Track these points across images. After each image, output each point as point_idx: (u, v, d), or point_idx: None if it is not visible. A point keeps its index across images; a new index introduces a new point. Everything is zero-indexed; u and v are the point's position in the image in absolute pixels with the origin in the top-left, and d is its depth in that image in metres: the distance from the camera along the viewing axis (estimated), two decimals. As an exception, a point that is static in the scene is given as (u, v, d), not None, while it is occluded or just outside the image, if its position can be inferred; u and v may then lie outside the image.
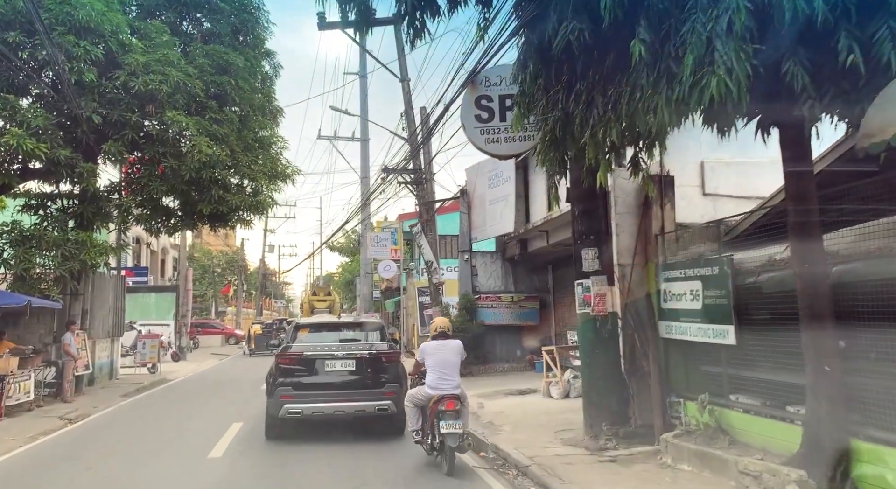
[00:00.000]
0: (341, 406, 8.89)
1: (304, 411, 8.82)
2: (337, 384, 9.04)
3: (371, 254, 28.87)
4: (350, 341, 9.70)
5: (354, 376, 9.10)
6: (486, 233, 17.42)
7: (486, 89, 8.97)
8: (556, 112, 6.22)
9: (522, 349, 18.24)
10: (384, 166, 18.17)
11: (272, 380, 9.24)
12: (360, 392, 9.00)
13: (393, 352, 9.59)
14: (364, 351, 9.34)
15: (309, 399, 8.87)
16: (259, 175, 15.96)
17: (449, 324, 8.31)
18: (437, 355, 7.58)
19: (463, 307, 17.54)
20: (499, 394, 13.28)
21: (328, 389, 8.98)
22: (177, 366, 24.72)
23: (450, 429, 7.04)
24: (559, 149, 6.46)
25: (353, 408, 8.94)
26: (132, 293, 28.87)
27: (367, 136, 36.55)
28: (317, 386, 8.99)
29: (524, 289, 18.39)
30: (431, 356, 7.58)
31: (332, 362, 9.16)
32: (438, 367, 7.49)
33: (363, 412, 8.98)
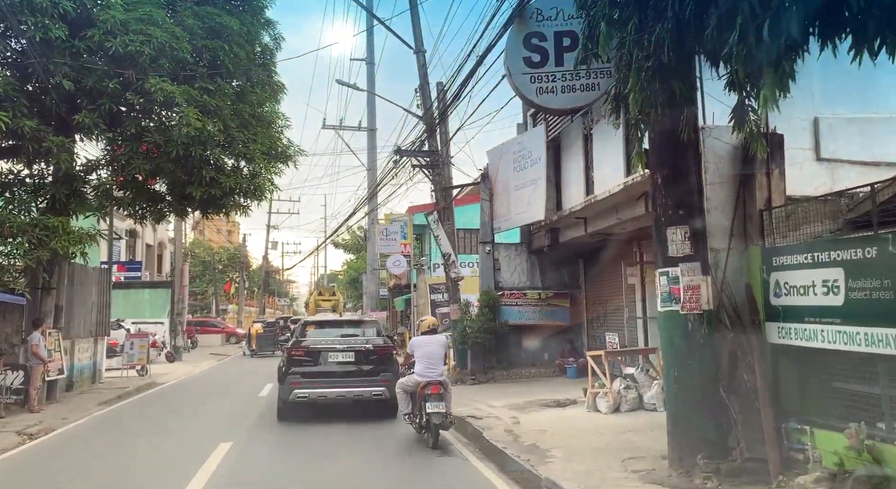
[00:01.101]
0: (342, 391, 10.27)
1: (311, 396, 10.26)
2: (339, 373, 10.40)
3: (379, 248, 27.03)
4: (350, 336, 11.07)
5: (354, 366, 10.48)
6: (511, 222, 15.54)
7: (537, 25, 7.16)
8: (664, 24, 4.35)
9: (551, 352, 16.35)
10: (396, 147, 16.34)
11: (284, 369, 10.60)
12: (359, 380, 10.36)
13: (387, 346, 11.00)
14: (362, 344, 10.74)
15: (315, 385, 10.24)
16: (257, 155, 14.08)
17: (437, 323, 9.72)
18: (425, 348, 8.79)
19: (485, 305, 15.67)
20: (533, 406, 11.41)
21: (331, 377, 10.34)
22: (170, 368, 22.91)
23: (434, 409, 8.31)
24: (666, 77, 4.58)
25: (353, 394, 10.31)
26: (124, 289, 27.16)
27: (374, 126, 34.91)
28: (321, 374, 10.36)
29: (552, 284, 16.50)
30: (420, 349, 8.80)
31: (335, 354, 10.54)
32: (425, 358, 8.70)
33: (361, 397, 10.36)
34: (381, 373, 10.48)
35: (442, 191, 16.62)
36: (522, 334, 16.19)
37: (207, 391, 15.64)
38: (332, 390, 10.29)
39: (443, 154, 16.65)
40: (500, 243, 16.61)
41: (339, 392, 10.29)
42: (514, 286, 16.39)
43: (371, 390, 10.32)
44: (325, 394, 10.30)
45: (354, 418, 10.70)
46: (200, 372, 21.77)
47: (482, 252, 16.40)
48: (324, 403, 10.51)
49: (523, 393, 13.35)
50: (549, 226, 14.70)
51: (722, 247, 6.65)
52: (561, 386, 14.22)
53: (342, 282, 57.85)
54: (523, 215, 14.91)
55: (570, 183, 14.07)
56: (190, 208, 14.82)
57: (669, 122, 5.84)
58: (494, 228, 16.28)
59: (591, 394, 10.57)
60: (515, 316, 16.05)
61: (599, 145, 12.22)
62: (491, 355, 15.87)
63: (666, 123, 5.78)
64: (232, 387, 16.53)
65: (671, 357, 6.32)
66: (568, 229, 14.29)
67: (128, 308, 26.81)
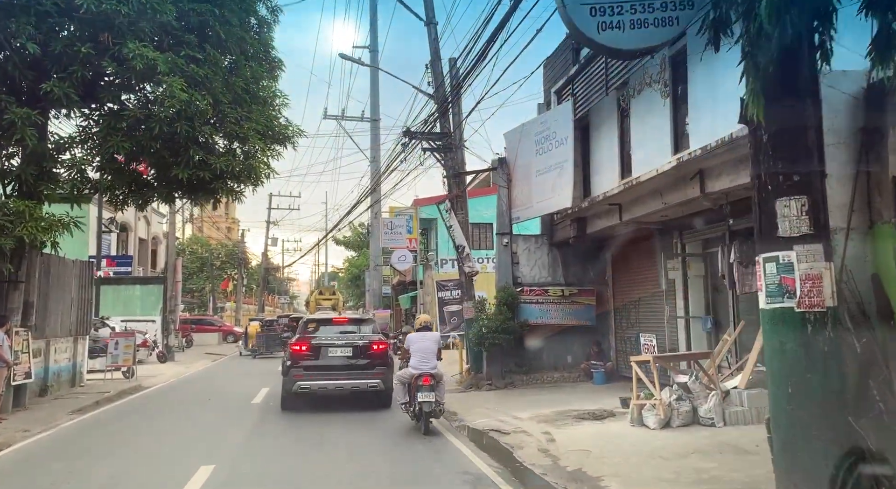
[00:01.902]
0: (341, 383, 11.14)
1: (312, 387, 11.06)
2: (338, 366, 11.15)
3: (383, 242, 25.57)
4: (348, 333, 11.84)
5: (351, 360, 11.25)
6: (532, 211, 14.06)
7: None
8: None
9: (574, 355, 14.86)
10: (406, 128, 14.84)
11: (288, 363, 11.32)
12: (356, 372, 11.14)
13: (381, 342, 11.71)
14: (359, 341, 11.51)
15: (316, 378, 11.03)
16: (251, 134, 12.60)
17: (429, 320, 11.02)
18: (419, 343, 9.65)
19: (502, 302, 14.19)
20: (566, 419, 9.92)
21: (331, 370, 11.09)
22: (161, 369, 21.45)
23: (425, 398, 9.11)
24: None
25: (350, 386, 11.19)
26: (113, 285, 25.73)
27: (377, 116, 33.44)
28: (322, 367, 11.11)
29: (576, 280, 15.01)
30: (415, 344, 9.66)
31: (334, 349, 11.30)
32: (420, 353, 9.54)
33: (358, 388, 11.23)
34: (377, 367, 11.30)
35: (455, 177, 15.13)
36: (543, 335, 14.70)
37: (196, 396, 14.17)
38: (331, 382, 11.15)
39: (455, 137, 15.17)
40: (518, 235, 15.14)
41: (337, 384, 11.18)
42: (534, 282, 14.90)
43: (367, 382, 11.19)
44: (326, 386, 11.19)
45: (352, 432, 9.72)
46: (192, 373, 20.31)
47: (499, 244, 14.92)
48: (324, 393, 11.50)
49: (550, 401, 11.86)
50: (575, 215, 13.22)
51: (839, 226, 5.17)
52: (589, 393, 12.74)
53: (343, 280, 56.44)
54: (547, 203, 13.43)
55: (602, 166, 12.58)
56: (177, 194, 13.32)
57: (784, 57, 4.36)
58: (513, 218, 14.80)
59: (636, 405, 9.08)
60: (536, 315, 14.56)
61: (640, 120, 10.75)
62: (509, 358, 14.39)
63: (779, 60, 4.29)
64: (223, 391, 15.06)
65: (782, 368, 4.82)
66: (598, 218, 12.81)
67: (117, 305, 25.38)
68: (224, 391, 15.10)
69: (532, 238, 15.23)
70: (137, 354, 23.84)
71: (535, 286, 14.79)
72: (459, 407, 11.69)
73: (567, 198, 12.62)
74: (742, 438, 7.93)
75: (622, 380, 14.13)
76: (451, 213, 14.89)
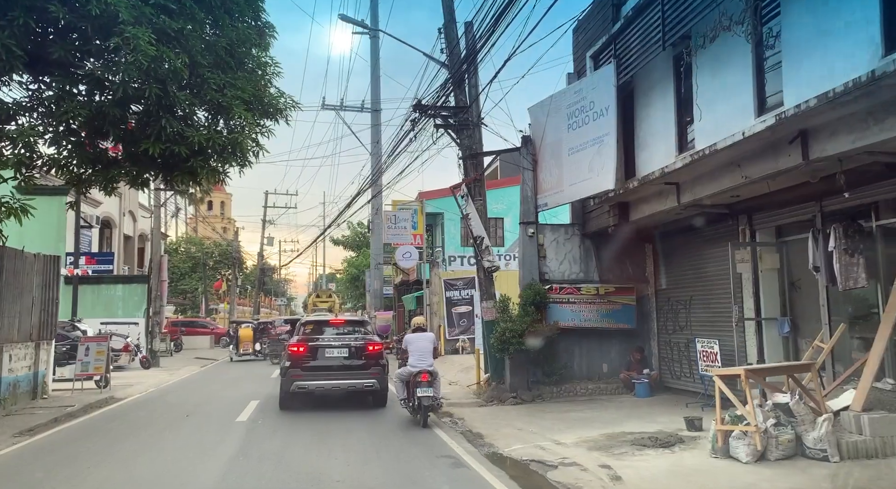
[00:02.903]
0: (337, 383, 11.35)
1: (309, 387, 11.32)
2: (334, 367, 11.34)
3: (387, 238, 23.60)
4: (345, 334, 11.97)
5: (348, 361, 11.42)
6: (563, 196, 12.12)
7: None
8: None
9: (611, 362, 12.91)
10: (416, 101, 12.88)
11: (286, 363, 11.47)
12: (352, 372, 11.34)
13: (377, 342, 11.90)
14: (355, 342, 11.66)
15: (313, 377, 11.27)
16: (235, 104, 10.64)
17: (425, 322, 12.35)
18: (416, 343, 10.40)
19: (528, 302, 12.24)
20: (622, 445, 7.97)
21: (328, 370, 11.30)
22: (143, 376, 19.48)
23: (424, 393, 9.76)
24: None
25: (347, 385, 11.40)
26: (93, 284, 23.71)
27: (378, 98, 31.50)
28: (319, 368, 11.31)
29: (612, 276, 13.06)
30: (412, 344, 10.43)
31: (331, 350, 11.47)
32: (417, 352, 10.29)
33: (354, 388, 11.43)
34: (373, 367, 11.43)
35: (471, 158, 13.18)
36: (575, 340, 12.75)
37: (173, 411, 12.18)
38: (328, 382, 11.26)
39: (472, 113, 13.21)
40: (545, 224, 13.19)
41: (334, 383, 11.30)
42: (563, 279, 12.94)
43: (363, 382, 11.31)
44: (323, 386, 11.31)
45: (351, 465, 7.45)
46: (176, 382, 18.31)
47: (523, 235, 12.96)
48: (321, 393, 11.67)
49: (592, 420, 9.91)
50: (616, 199, 11.27)
51: None
52: (635, 409, 10.79)
53: (342, 281, 54.46)
54: (581, 186, 11.48)
55: (651, 139, 10.63)
56: (150, 174, 11.33)
57: None
58: (539, 206, 12.85)
59: (720, 432, 7.10)
60: (568, 316, 12.60)
61: (710, 77, 8.79)
62: (536, 366, 12.44)
63: None
64: (206, 405, 13.07)
65: None
66: (645, 202, 10.86)
67: (97, 306, 23.42)
68: (207, 404, 13.11)
69: (561, 228, 13.27)
70: (118, 360, 22.02)
71: (566, 283, 12.83)
72: (484, 427, 9.73)
73: (609, 178, 10.68)
74: (874, 481, 6.00)
75: (668, 392, 12.20)
76: (467, 199, 12.94)
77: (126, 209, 29.49)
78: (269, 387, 15.94)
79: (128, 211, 29.87)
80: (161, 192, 25.23)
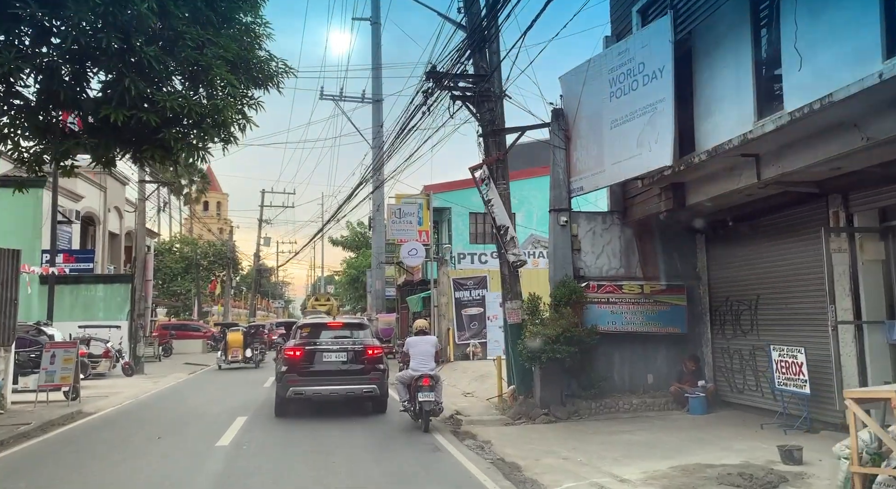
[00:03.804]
0: (336, 389, 10.81)
1: (306, 393, 10.81)
2: (332, 372, 10.94)
3: (391, 234, 21.78)
4: (343, 338, 11.67)
5: (346, 365, 11.03)
6: (603, 177, 10.31)
7: None
8: None
9: (656, 372, 11.09)
10: (430, 67, 11.06)
11: (282, 368, 11.13)
12: (351, 377, 10.91)
13: (377, 346, 11.52)
14: (354, 345, 11.33)
15: (310, 383, 10.80)
16: (216, 63, 8.84)
17: (427, 326, 11.22)
18: (418, 347, 10.04)
19: (562, 302, 10.42)
20: (706, 485, 6.15)
21: (325, 376, 10.88)
22: (123, 385, 17.64)
23: (425, 398, 9.43)
24: None
25: (345, 391, 10.87)
26: (71, 284, 21.86)
27: (380, 96, 29.75)
28: (316, 373, 10.90)
29: (658, 273, 11.25)
30: (414, 347, 10.07)
31: (329, 354, 11.10)
32: (420, 356, 9.94)
33: (353, 393, 10.93)
34: (373, 372, 10.96)
35: (493, 135, 11.37)
36: (615, 346, 10.93)
37: (144, 431, 10.32)
38: (326, 387, 10.75)
39: (494, 83, 11.40)
40: (579, 212, 11.38)
41: (332, 389, 10.77)
42: (601, 275, 11.13)
43: (362, 387, 10.84)
44: (320, 391, 10.78)
45: None
46: (157, 392, 16.45)
47: (553, 225, 11.13)
48: (318, 399, 11.02)
49: (651, 445, 8.09)
50: (668, 179, 9.47)
51: None
52: (698, 430, 8.97)
53: (341, 283, 52.61)
54: (629, 163, 9.67)
55: (718, 105, 8.80)
56: (116, 150, 9.49)
57: None
58: (573, 190, 11.05)
59: (858, 475, 5.26)
60: (607, 319, 10.79)
61: (812, 17, 6.98)
62: (571, 377, 10.62)
63: None
64: (185, 422, 11.22)
65: None
66: (709, 181, 9.05)
67: (75, 308, 21.59)
68: (185, 422, 11.27)
69: (598, 216, 11.46)
70: (98, 367, 20.18)
71: (605, 280, 11.02)
72: (519, 453, 7.92)
73: (665, 153, 8.87)
74: None
75: (726, 408, 10.39)
76: (489, 182, 11.12)
77: (111, 204, 27.65)
78: (260, 398, 14.12)
79: (113, 206, 28.03)
80: (145, 185, 23.38)
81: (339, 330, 11.91)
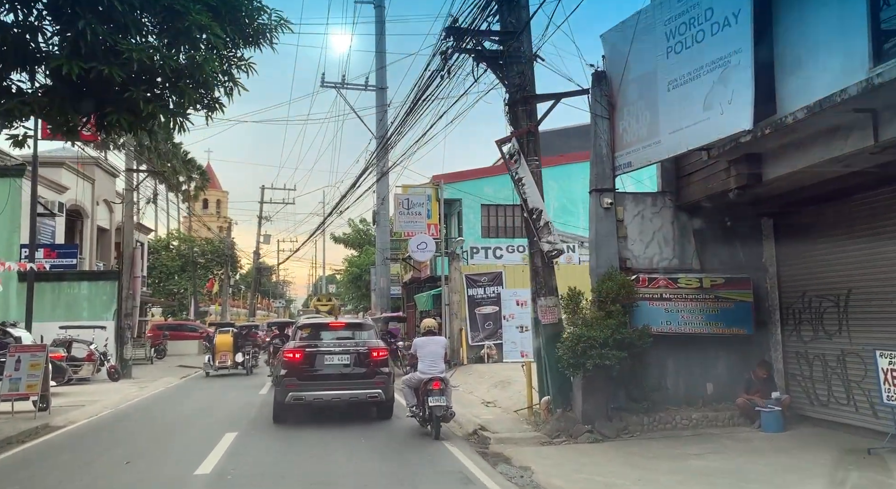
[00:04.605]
0: (338, 394, 10.20)
1: (307, 398, 10.11)
2: (335, 375, 10.23)
3: (399, 225, 20.14)
4: (345, 339, 10.90)
5: (349, 369, 10.29)
6: (660, 148, 8.65)
7: None
8: None
9: (717, 381, 9.45)
10: (450, 20, 9.42)
11: (280, 371, 10.41)
12: (355, 381, 10.23)
13: (382, 348, 10.84)
14: (358, 347, 10.55)
15: (311, 388, 10.11)
16: (195, 8, 7.22)
17: (435, 325, 10.16)
18: (427, 348, 9.34)
19: (608, 298, 8.77)
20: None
21: (327, 379, 10.18)
22: (105, 391, 16.04)
23: (436, 403, 8.76)
24: None
25: (349, 396, 10.24)
26: (52, 282, 20.22)
27: (384, 83, 28.14)
28: (317, 376, 10.19)
29: (718, 264, 9.61)
30: (422, 349, 9.37)
31: (331, 357, 10.35)
32: (428, 358, 9.25)
33: (356, 399, 10.31)
34: (377, 376, 10.36)
35: (523, 103, 9.73)
36: (668, 350, 9.28)
37: (111, 454, 8.65)
38: (327, 392, 10.17)
39: (524, 45, 9.76)
40: (625, 193, 9.74)
41: (334, 394, 10.20)
42: (652, 266, 9.49)
43: (367, 392, 10.24)
44: (321, 397, 10.18)
45: None
46: (140, 401, 14.83)
47: (595, 207, 9.48)
48: (319, 405, 10.42)
49: (733, 474, 6.46)
50: (739, 151, 7.82)
51: None
52: (783, 453, 7.33)
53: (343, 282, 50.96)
54: (694, 130, 8.01)
55: (809, 55, 7.14)
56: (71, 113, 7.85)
57: None
58: (619, 167, 9.41)
59: None
60: (661, 318, 9.14)
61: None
62: (618, 387, 8.98)
63: None
64: (163, 441, 9.59)
65: None
66: (796, 151, 7.40)
67: (57, 307, 19.99)
68: (164, 439, 9.63)
69: (647, 198, 9.80)
70: (80, 371, 18.58)
71: (657, 273, 9.37)
72: (569, 486, 6.28)
73: (742, 115, 7.23)
74: None
75: (805, 424, 8.75)
76: (519, 158, 9.48)
77: (100, 197, 26.03)
78: (254, 407, 12.52)
79: (102, 200, 26.42)
80: (133, 174, 21.76)
81: (341, 330, 11.21)
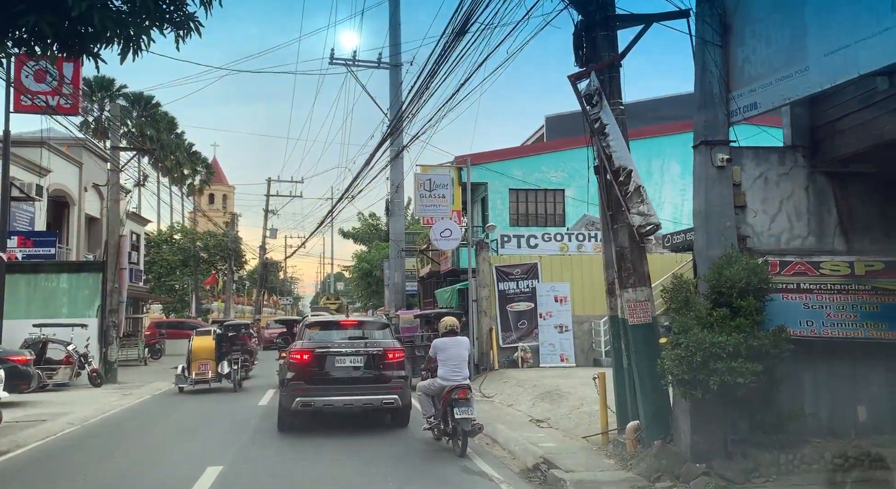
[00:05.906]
0: (350, 399, 9.33)
1: (316, 403, 9.25)
2: (346, 379, 9.45)
3: (420, 210, 17.71)
4: (358, 339, 10.03)
5: (362, 372, 9.52)
6: (806, 81, 6.15)
7: None
8: None
9: (873, 401, 6.96)
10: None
11: (287, 374, 9.64)
12: (368, 386, 9.42)
13: (398, 349, 9.97)
14: (372, 348, 9.73)
15: (320, 392, 9.28)
16: None
17: (457, 323, 8.90)
18: (449, 350, 8.32)
19: (735, 289, 6.28)
20: None
21: (338, 383, 9.39)
22: (81, 400, 13.78)
23: (463, 415, 7.73)
24: None
25: (362, 402, 9.37)
26: (28, 274, 17.91)
27: (398, 60, 25.75)
28: (327, 380, 9.42)
29: (871, 244, 7.11)
30: (444, 351, 8.34)
31: (342, 358, 9.56)
32: (451, 361, 8.24)
33: (371, 405, 9.44)
34: (394, 380, 9.56)
35: (603, 27, 7.26)
36: (805, 360, 6.79)
37: None
38: (338, 397, 9.33)
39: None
40: (743, 148, 7.24)
41: (346, 400, 9.36)
42: (781, 247, 7.01)
43: (381, 398, 9.41)
44: (332, 402, 9.34)
45: None
46: (118, 412, 12.48)
47: (706, 167, 6.99)
48: (330, 411, 9.65)
49: None
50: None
51: None
52: None
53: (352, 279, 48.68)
54: (867, 46, 5.52)
55: None
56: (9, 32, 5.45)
57: None
58: (737, 111, 6.92)
59: None
60: (799, 316, 6.64)
61: None
62: (741, 411, 6.51)
63: None
64: (124, 481, 7.21)
65: None
66: None
67: (33, 302, 17.69)
68: (125, 479, 7.25)
69: (772, 155, 7.28)
70: (55, 376, 16.29)
71: (791, 254, 6.89)
72: None
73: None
74: None
75: None
76: (600, 99, 7.02)
77: (88, 182, 23.77)
78: (249, 427, 10.16)
79: (91, 185, 24.15)
80: (118, 152, 19.44)
81: (352, 329, 10.32)
